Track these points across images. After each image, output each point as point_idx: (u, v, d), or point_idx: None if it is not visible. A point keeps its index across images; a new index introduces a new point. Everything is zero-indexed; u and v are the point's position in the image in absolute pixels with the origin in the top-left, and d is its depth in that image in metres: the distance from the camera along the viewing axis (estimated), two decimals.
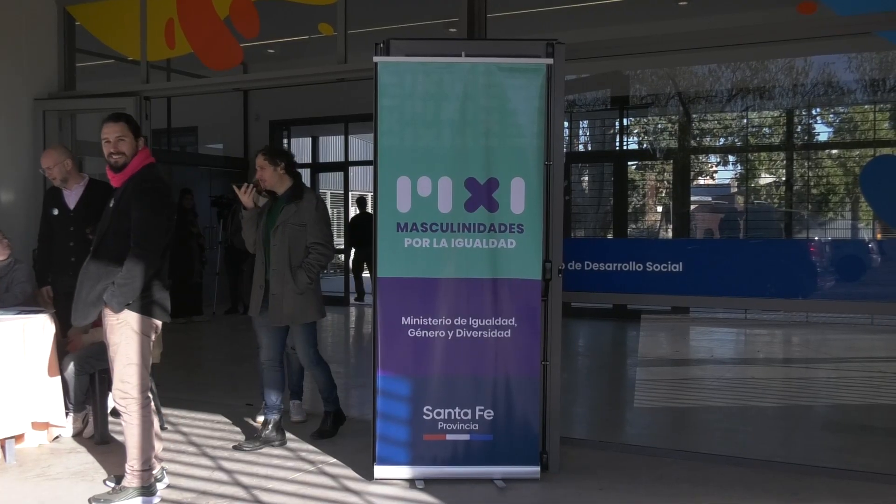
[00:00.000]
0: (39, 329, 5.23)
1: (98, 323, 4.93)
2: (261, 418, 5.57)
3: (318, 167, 15.78)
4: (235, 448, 5.32)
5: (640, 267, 5.24)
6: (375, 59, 4.69)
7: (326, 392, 5.64)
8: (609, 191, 12.92)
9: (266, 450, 5.27)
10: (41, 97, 7.41)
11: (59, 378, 5.35)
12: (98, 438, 5.45)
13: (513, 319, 4.72)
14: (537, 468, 4.76)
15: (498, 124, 4.70)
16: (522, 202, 4.69)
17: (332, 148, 17.85)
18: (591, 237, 12.50)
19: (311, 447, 5.36)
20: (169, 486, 4.57)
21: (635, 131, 13.65)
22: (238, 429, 5.79)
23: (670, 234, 12.79)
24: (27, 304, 5.73)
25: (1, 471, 4.90)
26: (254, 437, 5.42)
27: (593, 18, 8.28)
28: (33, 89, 7.39)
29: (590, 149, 14.07)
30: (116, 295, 4.22)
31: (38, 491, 4.57)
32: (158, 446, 4.51)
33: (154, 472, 4.43)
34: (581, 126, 13.61)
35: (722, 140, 13.23)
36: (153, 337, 4.43)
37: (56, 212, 5.86)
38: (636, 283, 5.25)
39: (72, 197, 5.85)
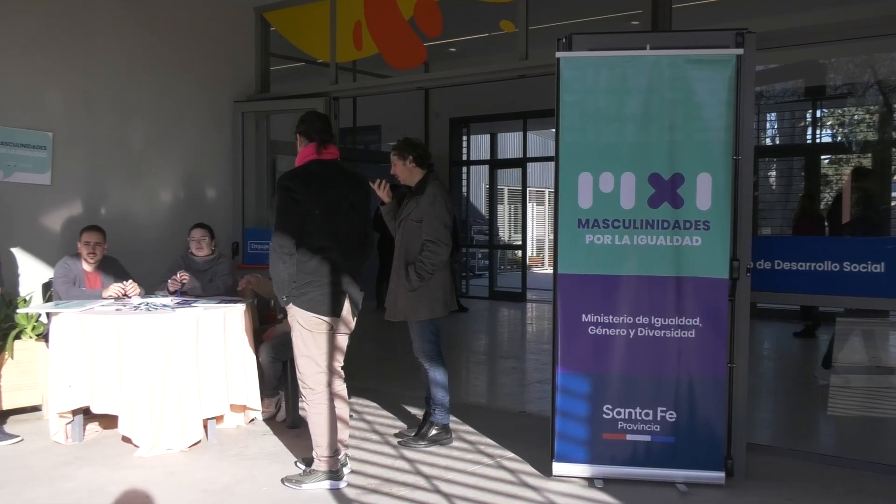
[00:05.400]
0: (238, 318, 5.57)
1: None
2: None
3: (496, 164, 15.91)
4: (396, 435, 5.51)
5: (835, 267, 4.95)
6: (558, 54, 4.67)
7: (437, 397, 5.34)
8: (799, 186, 12.27)
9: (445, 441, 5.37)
10: (240, 99, 7.87)
11: (255, 364, 5.68)
12: (289, 422, 5.74)
13: (697, 319, 4.59)
14: (722, 474, 4.60)
15: (683, 118, 4.57)
16: (709, 198, 4.54)
17: (510, 144, 17.94)
18: (781, 235, 11.91)
19: (489, 441, 5.42)
20: (354, 472, 4.75)
21: (829, 123, 12.88)
22: (419, 420, 5.93)
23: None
24: (228, 294, 6.11)
25: (203, 448, 5.26)
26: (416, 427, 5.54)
27: (784, 5, 7.87)
28: (233, 92, 7.87)
29: (778, 142, 13.40)
30: (275, 289, 4.50)
31: (235, 469, 4.88)
32: (345, 433, 4.70)
33: (338, 456, 4.61)
34: (769, 118, 12.99)
35: None
36: (323, 331, 4.51)
37: None
38: (831, 283, 4.96)
39: None
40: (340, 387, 4.69)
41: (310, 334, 4.48)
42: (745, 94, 4.64)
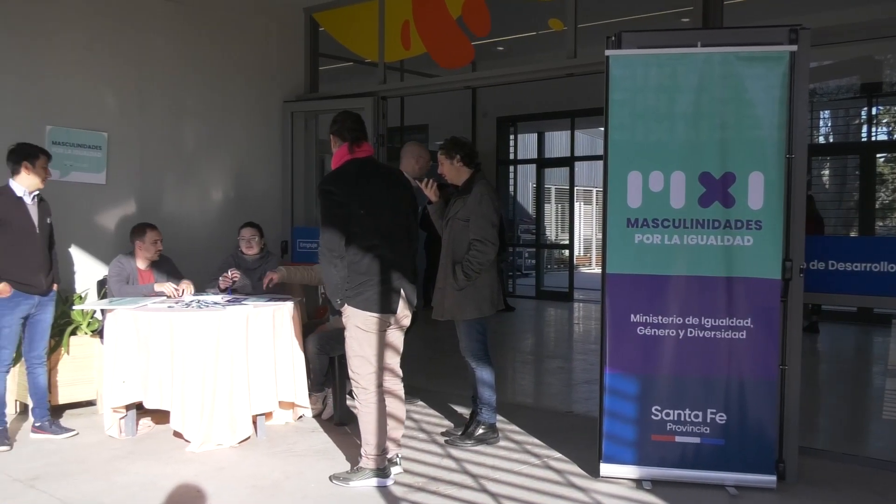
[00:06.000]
0: (287, 315, 5.63)
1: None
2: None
3: (543, 163, 15.84)
4: (443, 434, 5.51)
5: (892, 267, 4.84)
6: (607, 52, 4.63)
7: (484, 396, 5.32)
8: (853, 185, 12.01)
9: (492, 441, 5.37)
10: (289, 99, 7.95)
11: (304, 361, 5.73)
12: (337, 420, 5.78)
13: (748, 320, 4.52)
14: (773, 477, 4.53)
15: (735, 116, 4.50)
16: (761, 197, 4.47)
17: (557, 143, 17.84)
18: (834, 235, 11.68)
19: (536, 441, 5.41)
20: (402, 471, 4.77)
21: (885, 120, 12.59)
22: (466, 419, 5.93)
23: None
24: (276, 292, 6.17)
25: (253, 445, 5.32)
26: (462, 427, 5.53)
27: (840, 0, 7.72)
28: (282, 92, 7.95)
29: (831, 140, 13.14)
30: (328, 293, 4.56)
31: (284, 465, 4.93)
32: (399, 432, 4.72)
33: (389, 455, 4.63)
34: (822, 116, 12.74)
35: None
36: (378, 330, 4.51)
37: None
38: (888, 284, 4.85)
39: None
40: (397, 386, 4.71)
41: (365, 334, 4.49)
42: (798, 91, 4.55)
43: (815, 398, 6.97)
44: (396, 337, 4.70)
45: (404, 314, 4.65)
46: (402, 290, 4.57)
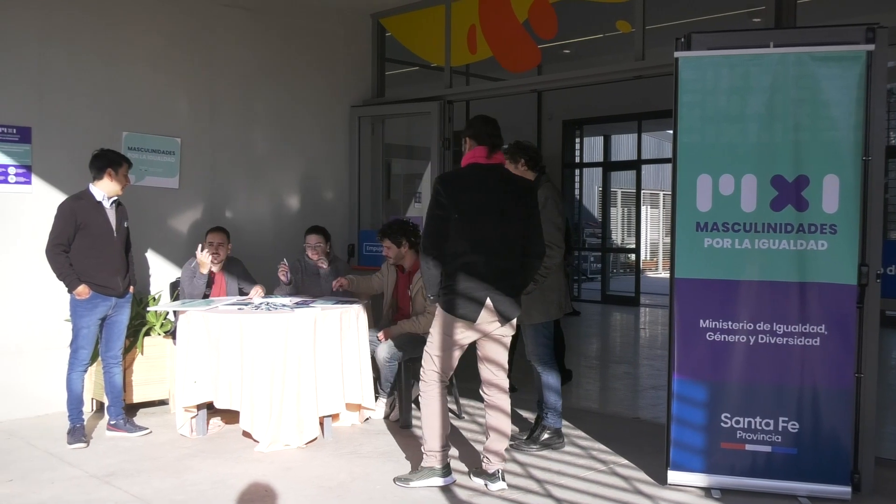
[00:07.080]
0: (354, 318, 5.68)
1: (399, 316, 5.26)
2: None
3: (609, 166, 15.70)
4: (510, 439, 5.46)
5: None
6: (676, 54, 4.58)
7: (550, 400, 5.29)
8: None
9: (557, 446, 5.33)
10: (356, 104, 8.03)
11: (370, 364, 5.78)
12: (402, 423, 5.81)
13: (822, 327, 4.41)
14: (848, 488, 4.41)
15: (809, 117, 4.40)
16: (836, 201, 4.36)
17: (623, 146, 17.68)
18: None
19: (602, 446, 5.36)
20: (464, 473, 4.76)
21: None
22: (531, 423, 5.90)
23: None
24: (342, 295, 6.24)
25: (320, 445, 5.38)
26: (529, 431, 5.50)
27: None
28: (350, 97, 8.03)
29: None
30: (425, 288, 4.65)
31: (350, 466, 4.97)
32: (501, 444, 4.62)
33: (491, 470, 4.58)
34: None
35: None
36: (454, 334, 4.49)
37: None
38: None
39: None
40: (498, 398, 4.65)
41: (439, 333, 4.54)
42: (875, 91, 4.43)
43: (892, 408, 6.76)
44: (490, 348, 4.59)
45: (490, 325, 4.48)
46: (486, 300, 4.42)
